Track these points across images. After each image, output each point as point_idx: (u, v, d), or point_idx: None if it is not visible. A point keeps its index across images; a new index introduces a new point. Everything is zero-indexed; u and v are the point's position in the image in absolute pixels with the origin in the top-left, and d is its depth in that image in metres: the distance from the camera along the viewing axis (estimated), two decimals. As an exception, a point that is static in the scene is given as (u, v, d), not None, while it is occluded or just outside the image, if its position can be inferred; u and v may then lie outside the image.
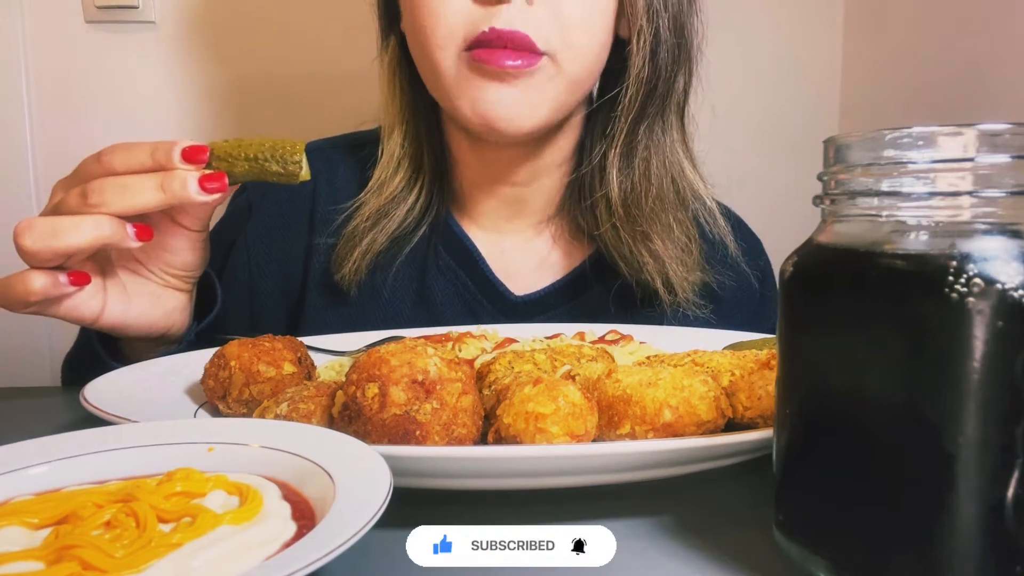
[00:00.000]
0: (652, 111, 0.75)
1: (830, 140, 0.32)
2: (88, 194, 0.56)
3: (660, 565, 0.36)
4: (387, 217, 0.78)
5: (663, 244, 0.76)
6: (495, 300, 0.81)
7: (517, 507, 0.42)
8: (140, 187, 0.56)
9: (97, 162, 0.58)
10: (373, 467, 0.34)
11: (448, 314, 0.80)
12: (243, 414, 0.52)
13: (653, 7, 0.71)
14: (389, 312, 0.80)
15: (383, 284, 0.80)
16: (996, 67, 0.96)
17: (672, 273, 0.77)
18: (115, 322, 0.62)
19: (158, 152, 0.57)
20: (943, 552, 0.27)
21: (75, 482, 0.36)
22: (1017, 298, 0.26)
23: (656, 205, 0.76)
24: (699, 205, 0.80)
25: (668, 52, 0.73)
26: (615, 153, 0.76)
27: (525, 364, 0.51)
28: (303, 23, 1.21)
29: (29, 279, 0.56)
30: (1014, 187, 0.28)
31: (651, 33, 0.71)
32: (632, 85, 0.73)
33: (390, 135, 0.80)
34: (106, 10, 1.19)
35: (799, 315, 0.33)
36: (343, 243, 0.78)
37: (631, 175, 0.76)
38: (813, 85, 1.30)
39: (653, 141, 0.76)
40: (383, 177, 0.79)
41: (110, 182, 0.56)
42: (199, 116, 1.23)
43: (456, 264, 0.81)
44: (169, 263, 0.64)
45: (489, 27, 0.66)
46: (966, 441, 0.27)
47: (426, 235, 0.81)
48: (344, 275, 0.78)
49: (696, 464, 0.42)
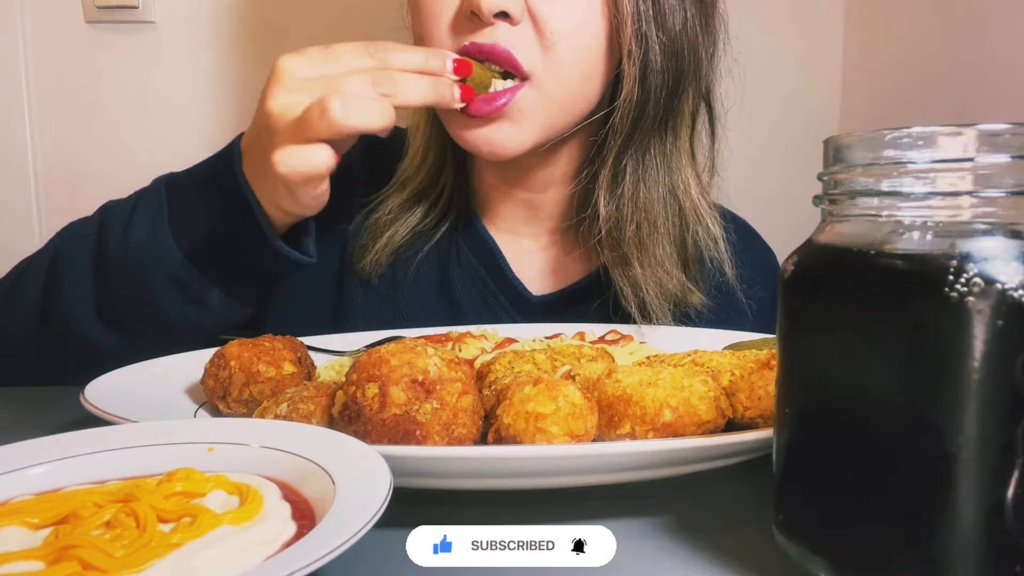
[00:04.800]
0: (641, 135, 0.73)
1: (830, 140, 0.32)
2: (379, 83, 0.60)
3: (660, 565, 0.36)
4: (409, 211, 0.80)
5: (642, 270, 0.75)
6: (513, 299, 0.82)
7: (517, 507, 0.42)
8: (421, 84, 0.61)
9: (367, 54, 0.61)
10: (373, 467, 0.34)
11: (468, 309, 0.82)
12: (243, 414, 0.52)
13: (641, 31, 0.69)
14: (412, 304, 0.82)
15: (404, 276, 0.81)
16: (996, 67, 0.96)
17: (649, 299, 0.75)
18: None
19: (432, 59, 0.63)
20: (943, 552, 0.27)
21: (75, 482, 0.36)
22: (1017, 298, 0.26)
23: (641, 230, 0.75)
24: (700, 228, 0.78)
25: (659, 75, 0.71)
26: (604, 174, 0.75)
27: (525, 364, 0.51)
28: (303, 23, 1.21)
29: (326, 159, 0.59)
30: (1014, 187, 0.28)
31: (640, 57, 0.70)
32: (622, 107, 0.72)
33: (415, 133, 0.81)
34: (106, 10, 1.19)
35: (799, 315, 0.33)
36: (365, 234, 0.81)
37: (617, 199, 0.75)
38: (813, 85, 1.30)
39: (645, 165, 0.75)
40: (407, 172, 0.81)
41: (398, 75, 0.61)
42: (199, 116, 1.23)
43: (477, 261, 0.83)
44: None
45: (471, 41, 0.67)
46: (966, 441, 0.27)
47: (448, 232, 0.83)
48: (365, 265, 0.80)
49: (696, 464, 0.42)
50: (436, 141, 0.81)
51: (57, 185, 1.21)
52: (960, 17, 1.04)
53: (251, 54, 1.22)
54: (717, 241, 0.79)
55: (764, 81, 1.28)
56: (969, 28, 1.02)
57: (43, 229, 1.20)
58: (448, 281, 0.82)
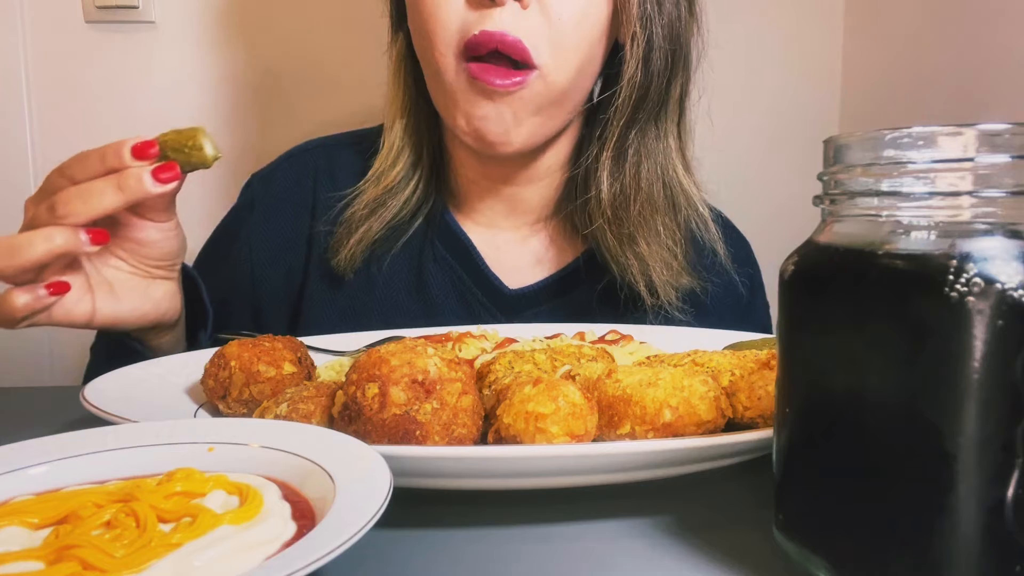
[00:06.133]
0: (643, 116, 0.75)
1: (830, 140, 0.32)
2: (55, 206, 0.58)
3: (660, 565, 0.36)
4: (384, 206, 0.80)
5: (648, 247, 0.77)
6: (489, 293, 0.83)
7: (517, 507, 0.42)
8: (101, 191, 0.58)
9: (60, 175, 0.60)
10: (373, 467, 0.34)
11: (443, 305, 0.82)
12: (243, 414, 0.52)
13: (647, 14, 0.71)
14: (386, 300, 0.82)
15: (379, 272, 0.82)
16: (996, 67, 0.96)
17: (656, 276, 0.77)
18: (108, 319, 0.64)
19: (108, 155, 0.59)
20: (943, 552, 0.27)
21: (75, 482, 0.36)
22: (1017, 298, 0.26)
23: (644, 209, 0.77)
24: (691, 211, 0.80)
25: (661, 58, 0.73)
26: (606, 156, 0.76)
27: (525, 364, 0.51)
28: (303, 23, 1.21)
29: (11, 298, 0.58)
30: (1014, 187, 0.28)
31: (644, 39, 0.72)
32: (625, 89, 0.73)
33: (391, 127, 0.81)
34: (106, 10, 1.19)
35: (799, 315, 0.33)
36: (340, 229, 0.81)
37: (621, 178, 0.77)
38: (813, 85, 1.30)
39: (644, 146, 0.77)
40: (382, 168, 0.81)
41: (73, 192, 0.58)
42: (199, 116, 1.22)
43: (451, 257, 0.83)
44: (148, 255, 0.66)
45: (480, 30, 0.67)
46: (966, 441, 0.27)
47: (422, 226, 0.83)
48: (340, 260, 0.80)
49: (696, 464, 0.42)
50: (412, 136, 0.81)
51: (57, 185, 1.21)
52: (960, 17, 1.03)
53: (251, 54, 1.22)
54: (707, 223, 0.81)
55: (764, 81, 1.29)
56: (969, 28, 1.02)
57: (43, 229, 1.20)
58: (423, 277, 0.82)
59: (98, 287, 0.64)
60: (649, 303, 0.78)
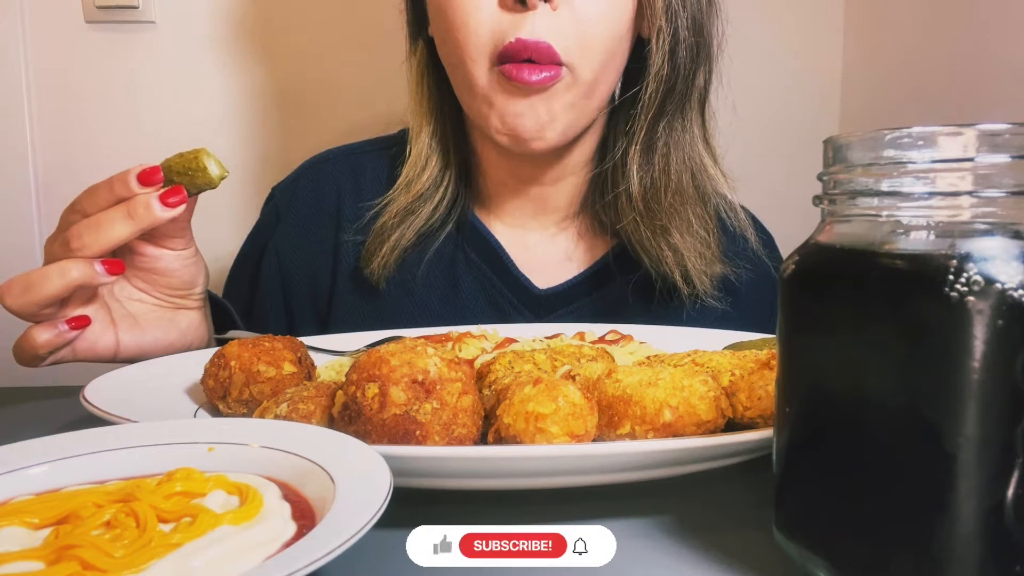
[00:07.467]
0: (671, 108, 0.76)
1: (830, 140, 0.32)
2: (69, 241, 0.58)
3: (660, 565, 0.36)
4: (414, 214, 0.81)
5: (682, 238, 0.78)
6: (520, 294, 0.83)
7: (517, 507, 0.42)
8: (111, 221, 0.58)
9: (71, 211, 0.60)
10: (373, 467, 0.34)
11: (475, 308, 0.82)
12: (243, 414, 0.52)
13: (672, 7, 0.72)
14: (419, 306, 0.83)
15: (413, 279, 0.82)
16: (996, 67, 0.96)
17: (691, 266, 0.78)
18: (133, 351, 0.64)
19: (116, 185, 0.59)
20: (943, 552, 0.27)
21: (75, 482, 0.36)
22: (1017, 298, 0.26)
23: (675, 200, 0.78)
24: (720, 200, 0.81)
25: (687, 51, 0.74)
26: (635, 149, 0.77)
27: (525, 364, 0.51)
28: (303, 23, 1.21)
29: (33, 336, 0.59)
30: (1014, 187, 0.28)
31: (670, 32, 0.72)
32: (652, 83, 0.74)
33: (418, 135, 0.82)
34: (106, 10, 1.19)
35: (799, 315, 0.33)
36: (372, 239, 0.81)
37: (651, 171, 0.77)
38: (813, 85, 1.30)
39: (672, 138, 0.77)
40: (411, 176, 0.82)
41: (84, 225, 0.58)
42: (199, 116, 1.23)
43: (481, 260, 0.83)
44: (168, 285, 0.66)
45: (516, 38, 0.68)
46: (966, 441, 0.27)
47: (452, 232, 0.83)
48: (373, 270, 0.80)
49: (696, 464, 0.42)
50: (439, 142, 0.82)
51: (57, 185, 1.20)
52: (960, 17, 1.03)
53: (251, 54, 1.22)
54: (736, 209, 0.82)
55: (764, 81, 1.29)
56: (969, 28, 1.02)
57: (43, 229, 1.20)
58: (455, 282, 0.83)
59: (121, 320, 0.64)
60: (686, 293, 0.79)
